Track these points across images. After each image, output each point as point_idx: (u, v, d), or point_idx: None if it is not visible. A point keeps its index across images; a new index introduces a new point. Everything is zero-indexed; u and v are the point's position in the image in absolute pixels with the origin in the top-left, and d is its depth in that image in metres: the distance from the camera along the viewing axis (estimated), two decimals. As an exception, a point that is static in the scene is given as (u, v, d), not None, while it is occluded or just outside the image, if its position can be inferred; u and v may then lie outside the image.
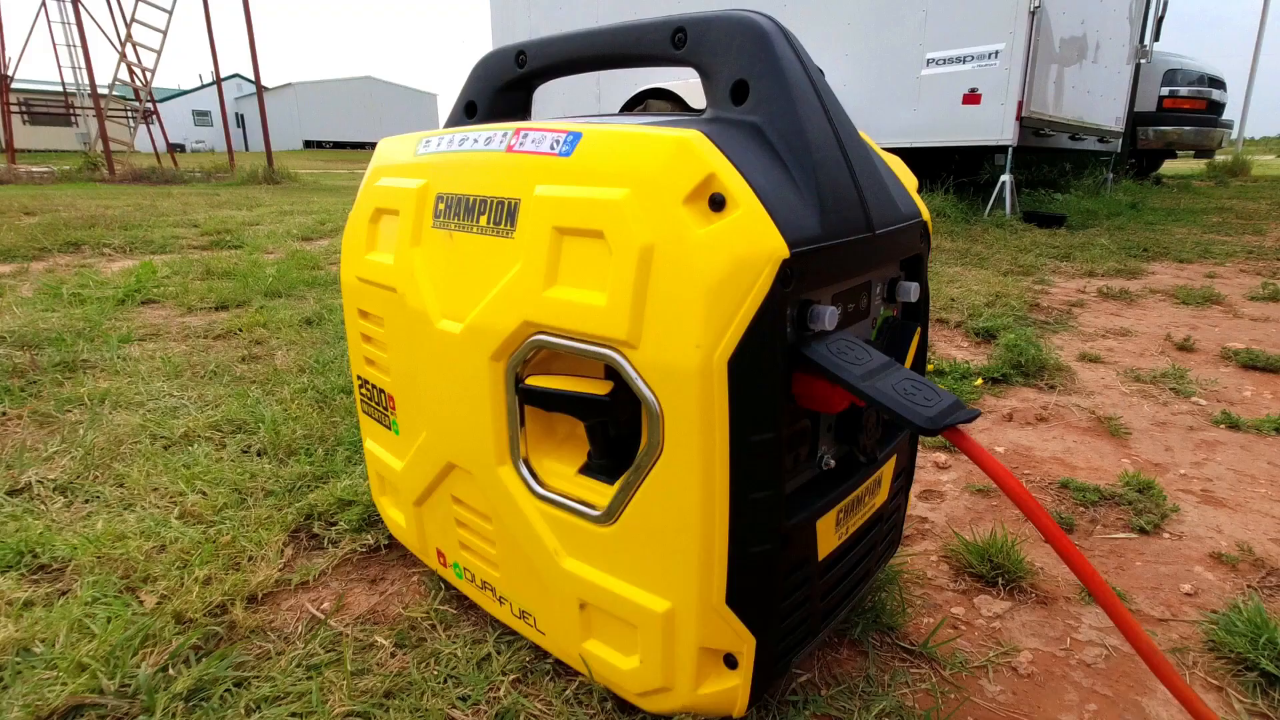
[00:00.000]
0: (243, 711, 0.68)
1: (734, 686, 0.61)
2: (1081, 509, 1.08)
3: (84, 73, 10.93)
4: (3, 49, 11.88)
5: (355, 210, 0.81)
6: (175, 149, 15.72)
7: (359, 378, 0.88)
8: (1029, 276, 2.78)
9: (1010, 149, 4.37)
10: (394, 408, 0.82)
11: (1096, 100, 5.27)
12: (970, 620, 0.86)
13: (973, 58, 4.42)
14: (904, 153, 4.90)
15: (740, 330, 0.51)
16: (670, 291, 0.52)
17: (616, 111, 6.28)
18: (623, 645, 0.64)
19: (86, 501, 1.06)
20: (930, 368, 1.62)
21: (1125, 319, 2.20)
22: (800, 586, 0.62)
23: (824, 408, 0.57)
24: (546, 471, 0.67)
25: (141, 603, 0.83)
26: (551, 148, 0.60)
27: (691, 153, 0.52)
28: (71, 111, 14.20)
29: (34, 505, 1.03)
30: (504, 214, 0.63)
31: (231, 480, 1.10)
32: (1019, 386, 1.60)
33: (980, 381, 1.57)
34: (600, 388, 0.59)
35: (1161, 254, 3.30)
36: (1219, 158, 9.01)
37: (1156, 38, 5.99)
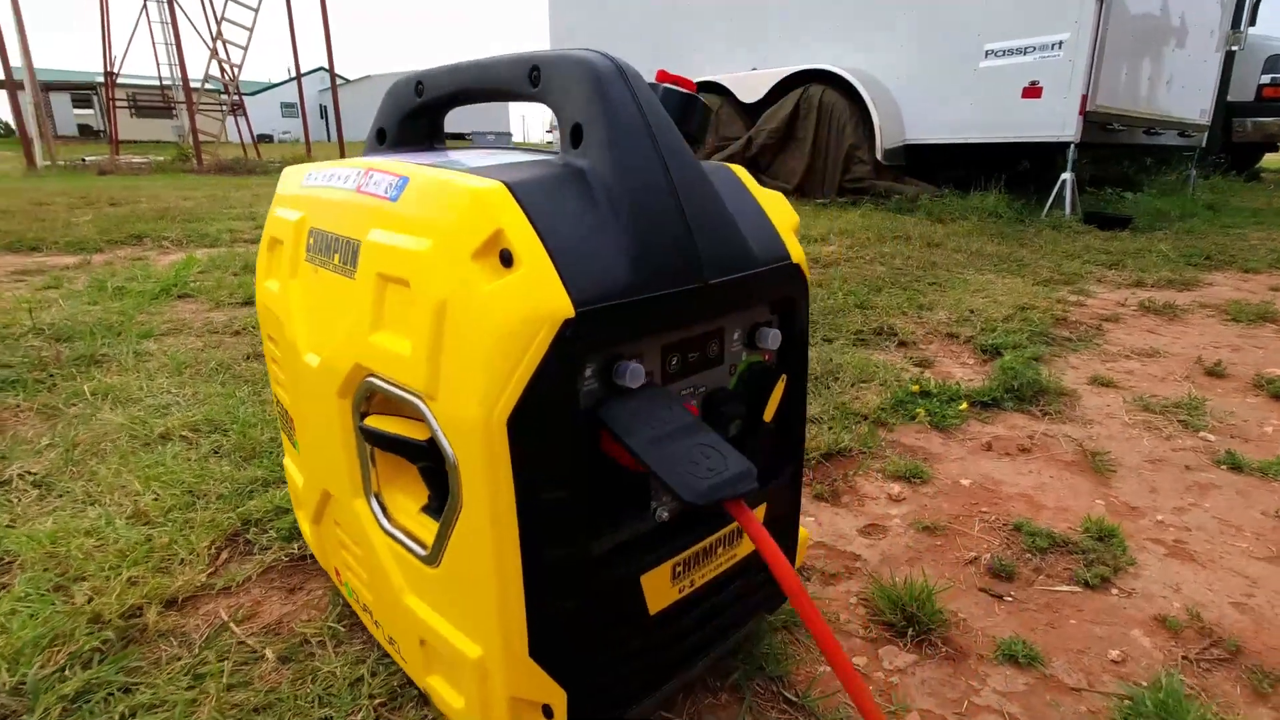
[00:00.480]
0: (116, 717, 0.72)
1: (551, 737, 0.61)
2: (1028, 556, 1.02)
3: (178, 69, 11.62)
4: (109, 48, 12.75)
5: (263, 236, 0.84)
6: (263, 140, 16.60)
7: (275, 397, 0.91)
8: (1068, 285, 2.62)
9: (1072, 145, 4.11)
10: (294, 428, 0.84)
11: (1178, 91, 4.90)
12: (868, 672, 0.82)
13: (1034, 48, 4.18)
14: (958, 149, 4.70)
15: (518, 389, 0.50)
16: (459, 346, 0.52)
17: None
18: (455, 684, 0.65)
19: (59, 497, 1.14)
20: (915, 388, 1.55)
21: (1160, 337, 2.05)
22: (624, 640, 0.61)
23: (632, 465, 0.55)
24: (396, 506, 0.68)
25: (69, 601, 0.89)
26: (385, 191, 0.61)
27: (482, 206, 0.51)
28: (170, 105, 15.15)
29: (7, 499, 1.12)
30: (350, 254, 0.64)
31: (188, 482, 1.16)
32: (1009, 412, 1.51)
33: (965, 406, 1.49)
34: (421, 432, 0.59)
35: (1227, 262, 3.05)
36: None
37: (1252, 22, 5.50)
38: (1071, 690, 0.79)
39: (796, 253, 0.68)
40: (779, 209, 0.70)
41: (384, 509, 0.68)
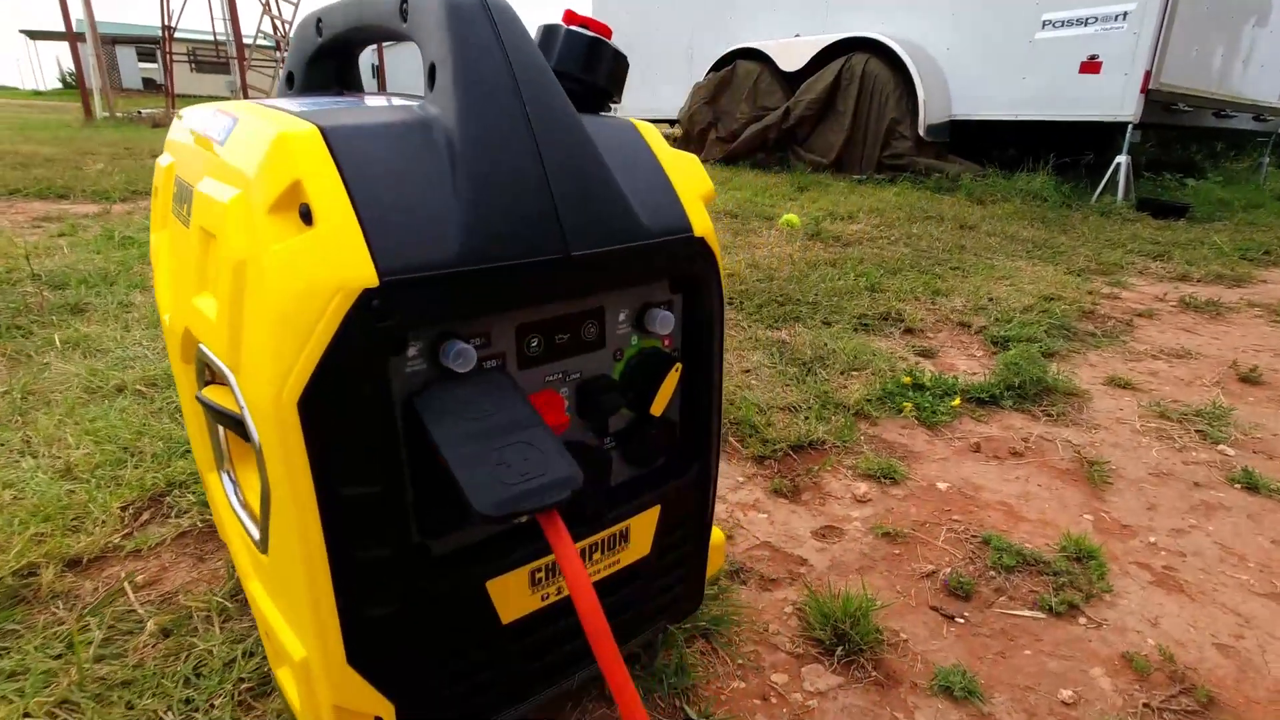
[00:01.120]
0: (-27, 684, 0.69)
1: (383, 750, 0.55)
2: (992, 574, 0.92)
3: (231, 24, 11.74)
4: (168, 2, 12.95)
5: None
6: (310, 97, 16.71)
7: (178, 356, 0.87)
8: (1104, 276, 2.44)
9: (1130, 126, 3.83)
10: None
11: (1256, 71, 4.52)
12: (786, 693, 0.75)
13: (1096, 19, 3.89)
14: (1007, 127, 4.44)
15: (308, 367, 0.43)
16: (254, 314, 0.45)
17: (704, 74, 6.05)
18: (295, 683, 0.59)
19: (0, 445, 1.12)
20: (907, 380, 1.44)
21: (1197, 337, 1.88)
22: (469, 649, 0.55)
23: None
24: (249, 486, 0.62)
25: (-30, 555, 0.87)
26: (218, 135, 0.54)
27: (284, 153, 0.44)
28: (225, 60, 15.38)
29: (-54, 445, 1.11)
30: (190, 205, 0.57)
31: (124, 439, 1.13)
32: (1007, 412, 1.39)
33: (958, 402, 1.38)
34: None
35: (1289, 259, 2.81)
36: None
37: (1351, -4, 5.03)
38: (1008, 732, 0.70)
39: (701, 224, 0.59)
40: (689, 175, 0.61)
41: (235, 486, 0.62)
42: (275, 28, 12.73)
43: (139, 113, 10.41)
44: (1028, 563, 0.93)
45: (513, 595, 0.55)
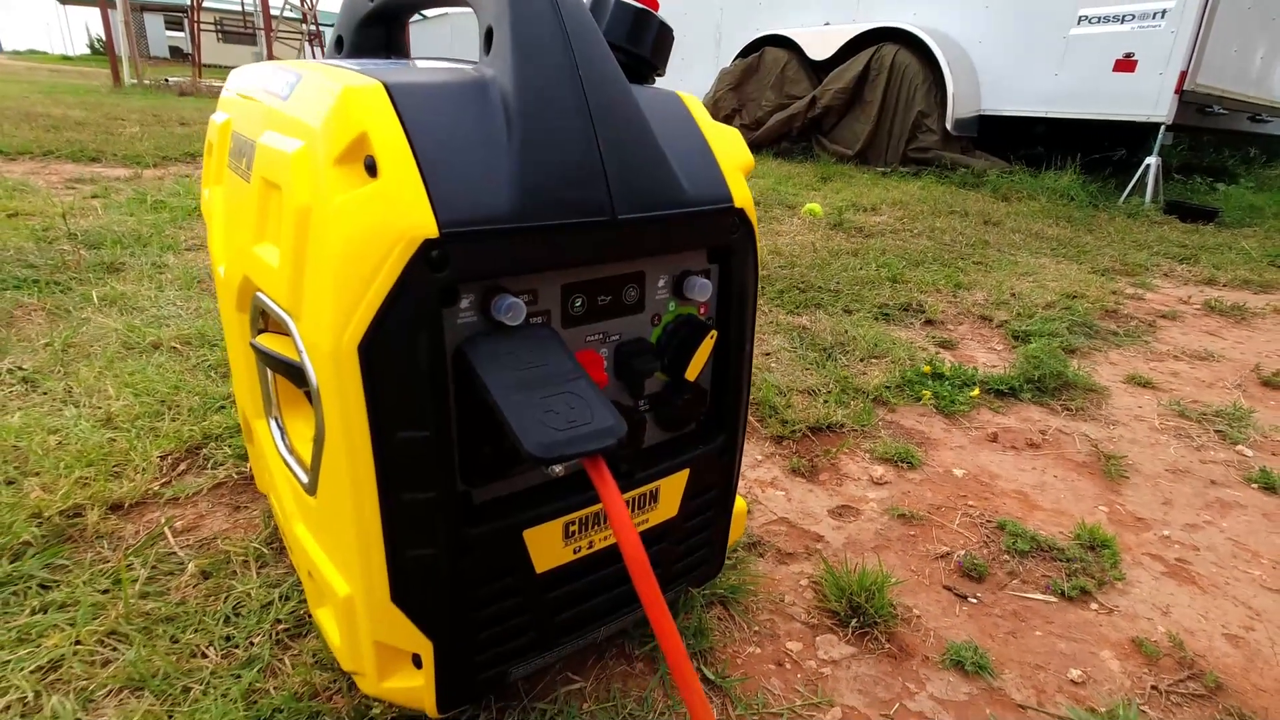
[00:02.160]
0: (27, 612, 0.72)
1: (418, 687, 0.57)
2: (1006, 557, 0.94)
3: (258, -6, 11.77)
4: (196, -31, 12.97)
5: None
6: (334, 71, 16.71)
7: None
8: (1129, 277, 2.42)
9: (1162, 127, 3.77)
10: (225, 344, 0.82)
11: (1296, 75, 4.43)
12: (801, 660, 0.77)
13: (1134, 16, 3.82)
14: (1037, 124, 4.39)
15: (369, 314, 0.45)
16: (318, 262, 0.47)
17: (731, 59, 5.99)
18: (335, 621, 0.62)
19: (43, 394, 1.16)
20: (927, 369, 1.45)
21: (1220, 340, 1.87)
22: (505, 596, 0.57)
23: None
24: (295, 432, 0.65)
25: (19, 493, 0.90)
26: (281, 90, 0.56)
27: (351, 106, 0.46)
28: (252, 31, 15.42)
29: (-8, 391, 1.15)
30: (251, 158, 0.59)
31: (162, 393, 1.16)
32: (1026, 404, 1.40)
33: (977, 392, 1.39)
34: (298, 354, 0.55)
35: (1319, 268, 2.77)
36: None
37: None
38: (1016, 706, 0.72)
39: (741, 196, 0.61)
40: (730, 147, 0.63)
41: (283, 432, 0.65)
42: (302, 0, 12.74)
43: (166, 80, 10.48)
44: (1041, 548, 0.95)
45: (547, 546, 0.58)
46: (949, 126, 4.54)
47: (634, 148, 0.54)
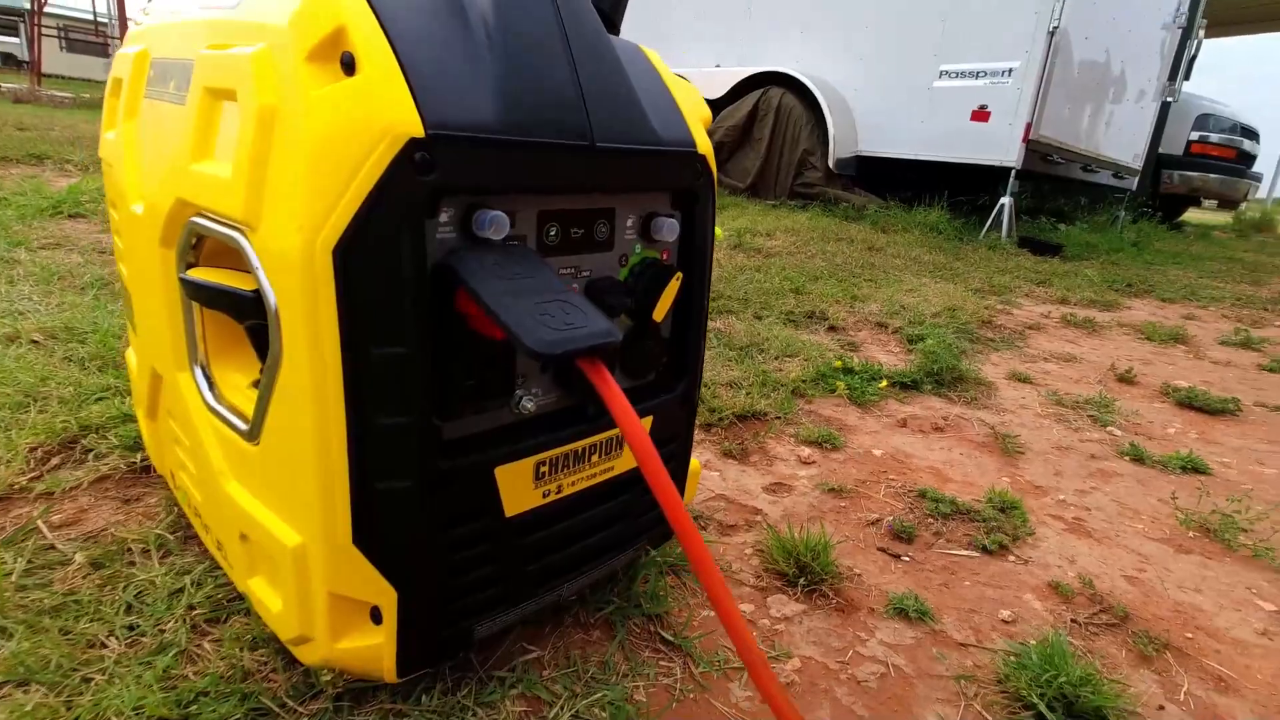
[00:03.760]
0: None
1: (376, 645, 0.53)
2: (930, 520, 0.99)
3: (115, 3, 10.93)
4: (40, -27, 11.88)
5: (108, 82, 0.73)
6: (204, 91, 15.66)
7: (118, 272, 0.80)
8: (997, 296, 2.67)
9: (1014, 171, 4.23)
10: (133, 307, 0.74)
11: (1115, 133, 5.11)
12: (755, 620, 0.77)
13: (986, 73, 4.28)
14: (907, 165, 4.79)
15: (349, 212, 0.42)
16: (285, 162, 0.44)
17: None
18: (274, 584, 0.56)
19: None
20: (838, 364, 1.53)
21: (1079, 346, 2.09)
22: (473, 541, 0.54)
23: (490, 330, 0.48)
24: (226, 383, 0.59)
25: None
26: (225, 3, 0.52)
27: (324, 1, 0.44)
28: (105, 41, 14.23)
29: None
30: (185, 77, 0.55)
31: (26, 383, 1.02)
32: (927, 395, 1.50)
33: (885, 384, 1.47)
34: (247, 282, 0.51)
35: (1146, 291, 3.17)
36: (1246, 212, 8.75)
37: (1187, 77, 5.80)
38: (959, 645, 0.75)
39: (703, 144, 0.62)
40: (690, 99, 0.64)
41: (210, 383, 0.59)
42: (170, 14, 11.94)
43: (-1, 87, 9.42)
44: (960, 511, 1.01)
45: (517, 487, 0.55)
46: (831, 165, 4.87)
47: (609, 81, 0.54)
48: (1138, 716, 0.67)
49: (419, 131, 0.43)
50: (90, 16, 14.63)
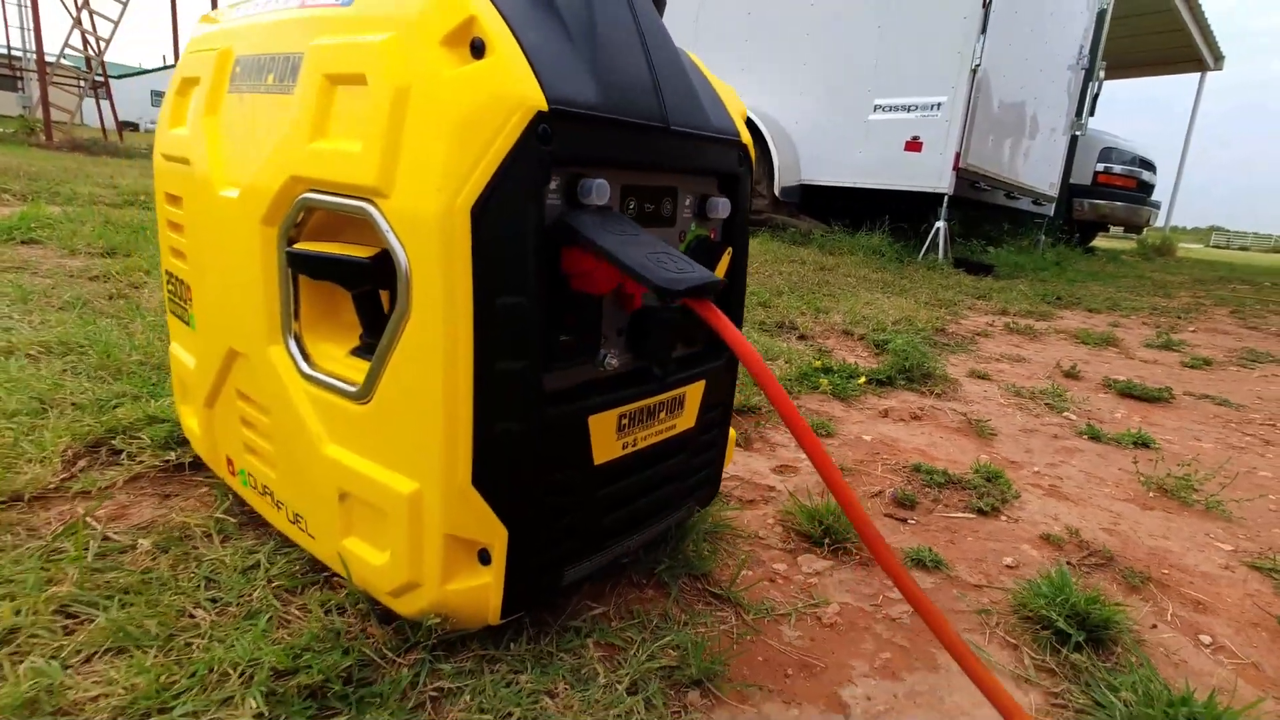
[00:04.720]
0: (-55, 593, 0.60)
1: (485, 585, 0.57)
2: (927, 489, 1.08)
3: (32, 35, 10.51)
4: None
5: (171, 84, 0.77)
6: (127, 127, 15.14)
7: (166, 273, 0.82)
8: (945, 308, 2.85)
9: (946, 197, 4.52)
10: (191, 298, 0.76)
11: (1032, 163, 5.52)
12: (789, 575, 0.83)
13: (917, 107, 4.59)
14: (850, 193, 5.05)
15: (485, 176, 0.48)
16: (421, 134, 0.49)
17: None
18: (376, 539, 0.60)
19: None
20: (818, 364, 1.62)
21: (1024, 350, 2.26)
22: (568, 487, 0.59)
23: (592, 287, 0.54)
24: (320, 353, 0.63)
25: (-120, 490, 0.75)
26: (333, 1, 0.58)
27: (457, -6, 0.50)
28: (16, 74, 13.61)
29: None
30: (288, 69, 0.59)
31: (37, 390, 1.01)
32: (901, 390, 1.61)
33: (863, 380, 1.58)
34: (364, 251, 0.55)
35: (1074, 303, 3.43)
36: (1148, 238, 9.51)
37: (1092, 113, 6.34)
38: (974, 586, 0.83)
39: (745, 135, 0.71)
40: (730, 96, 0.73)
41: (304, 353, 0.62)
42: (86, 43, 11.54)
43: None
44: (953, 481, 1.10)
45: (605, 437, 0.61)
46: (777, 193, 5.10)
47: (675, 70, 0.62)
48: (1137, 631, 0.76)
49: (544, 106, 0.49)
50: (3, 51, 14.01)
